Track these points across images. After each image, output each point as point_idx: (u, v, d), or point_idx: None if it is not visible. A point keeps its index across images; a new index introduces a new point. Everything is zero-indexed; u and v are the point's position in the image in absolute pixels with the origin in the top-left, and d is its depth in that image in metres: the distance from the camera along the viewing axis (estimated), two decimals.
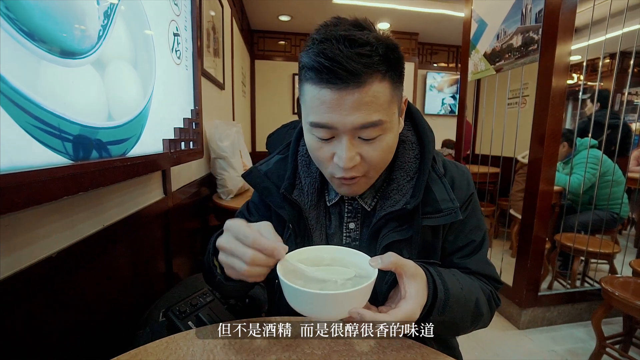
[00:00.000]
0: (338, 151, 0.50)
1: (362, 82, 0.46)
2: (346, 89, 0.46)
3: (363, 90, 0.46)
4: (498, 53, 2.11)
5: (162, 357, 0.49)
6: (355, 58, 0.45)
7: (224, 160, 1.88)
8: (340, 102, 0.47)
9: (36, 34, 0.50)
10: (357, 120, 0.47)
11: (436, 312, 0.49)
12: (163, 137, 1.01)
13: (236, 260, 0.44)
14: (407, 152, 0.61)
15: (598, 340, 1.61)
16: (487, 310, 0.61)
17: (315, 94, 0.48)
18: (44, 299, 0.61)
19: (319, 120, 0.49)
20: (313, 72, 0.47)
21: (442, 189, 0.59)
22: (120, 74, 0.77)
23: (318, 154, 0.53)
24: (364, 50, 0.45)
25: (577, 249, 2.07)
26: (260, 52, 4.50)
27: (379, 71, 0.47)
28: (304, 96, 0.51)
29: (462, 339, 0.74)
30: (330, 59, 0.44)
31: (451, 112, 5.16)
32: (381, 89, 0.48)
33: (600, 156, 2.20)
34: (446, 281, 0.52)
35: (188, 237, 1.62)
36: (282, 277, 0.41)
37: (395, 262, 0.45)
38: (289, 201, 0.61)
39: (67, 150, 0.58)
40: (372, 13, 3.83)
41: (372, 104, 0.47)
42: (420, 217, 0.57)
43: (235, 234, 0.45)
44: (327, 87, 0.46)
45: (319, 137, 0.51)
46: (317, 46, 0.46)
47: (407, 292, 0.46)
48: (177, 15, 1.14)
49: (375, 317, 0.42)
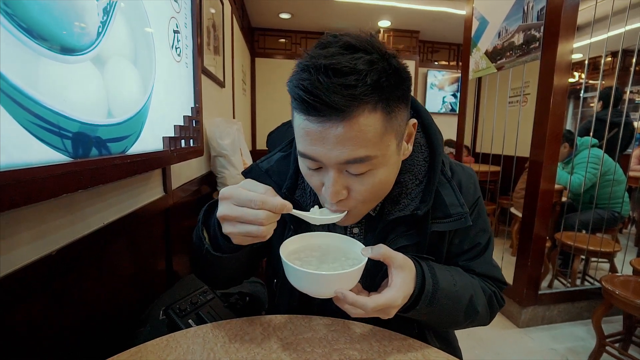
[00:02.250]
0: (325, 182, 0.49)
1: (347, 116, 0.41)
2: (329, 122, 0.42)
3: (348, 124, 0.42)
4: (499, 51, 2.10)
5: (163, 355, 0.49)
6: (337, 90, 0.40)
7: (224, 158, 1.87)
8: (324, 136, 0.43)
9: (35, 30, 0.50)
10: (341, 155, 0.44)
11: (423, 302, 0.52)
12: (163, 135, 1.01)
13: (248, 226, 0.44)
14: (415, 155, 0.59)
15: (598, 339, 1.61)
16: (484, 309, 0.61)
17: (300, 124, 0.46)
18: (43, 297, 0.61)
19: (304, 151, 0.47)
20: (295, 102, 0.44)
21: (451, 193, 0.58)
22: (120, 71, 0.76)
23: (309, 180, 0.53)
24: (348, 81, 0.40)
25: (578, 248, 2.07)
26: (261, 50, 4.49)
27: (367, 102, 0.42)
28: (293, 121, 0.49)
29: (462, 338, 0.74)
30: (309, 91, 0.41)
31: (452, 110, 5.15)
32: (370, 122, 0.43)
33: (602, 155, 2.20)
34: (437, 275, 0.54)
35: (188, 235, 1.61)
36: (284, 258, 0.47)
37: (384, 253, 0.48)
38: (291, 201, 0.61)
39: (66, 148, 0.58)
40: (373, 11, 3.82)
41: (358, 138, 0.43)
42: (430, 222, 0.57)
43: (238, 201, 0.44)
44: (309, 120, 0.43)
45: (308, 166, 0.50)
46: (299, 75, 0.43)
47: (392, 281, 0.49)
48: (177, 12, 1.14)
49: (356, 299, 0.45)
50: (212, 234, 0.55)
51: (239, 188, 0.46)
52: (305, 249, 0.54)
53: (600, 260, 2.35)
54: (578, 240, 2.08)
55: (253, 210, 0.44)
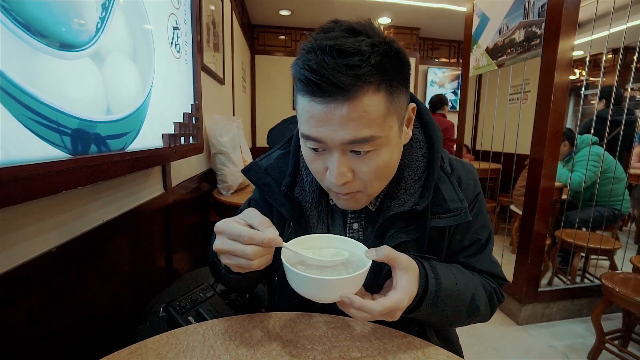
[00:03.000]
0: (330, 165, 0.49)
1: (351, 96, 0.43)
2: (334, 102, 0.43)
3: (352, 105, 0.43)
4: (500, 48, 2.09)
5: (162, 352, 0.49)
6: (342, 70, 0.41)
7: (224, 156, 1.87)
8: (329, 117, 0.44)
9: (33, 26, 0.49)
10: (345, 136, 0.45)
11: (426, 303, 0.51)
12: (163, 132, 1.00)
13: (239, 259, 0.45)
14: (414, 151, 0.59)
15: (597, 336, 1.61)
16: (485, 306, 0.61)
17: (304, 106, 0.46)
18: (43, 293, 0.61)
19: (309, 133, 0.47)
20: (301, 84, 0.45)
21: (451, 189, 0.58)
22: (119, 67, 0.76)
23: (312, 165, 0.53)
24: (352, 61, 0.42)
25: (578, 245, 2.07)
26: (261, 47, 4.48)
27: (371, 83, 0.43)
28: (297, 106, 0.50)
29: (462, 335, 0.74)
30: (315, 71, 0.42)
31: (452, 108, 5.14)
32: (374, 103, 0.44)
33: (602, 153, 2.19)
34: (439, 275, 0.54)
35: (188, 232, 1.62)
36: (285, 262, 0.45)
37: (389, 255, 0.48)
38: (290, 199, 0.60)
39: (65, 144, 0.58)
40: (373, 8, 3.80)
41: (363, 119, 0.44)
42: (429, 217, 0.56)
43: (229, 235, 0.46)
44: (314, 101, 0.44)
45: (312, 147, 0.50)
46: (304, 57, 0.44)
47: (397, 283, 0.48)
48: (177, 9, 1.13)
49: (363, 303, 0.44)
50: None
51: (231, 222, 0.47)
52: None
53: (600, 258, 2.35)
54: (578, 237, 2.08)
55: (242, 245, 0.45)
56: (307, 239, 0.53)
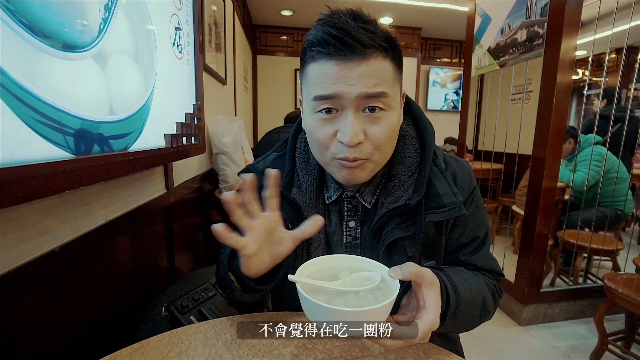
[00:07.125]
0: (342, 128, 0.50)
1: (368, 55, 0.47)
2: (352, 60, 0.47)
3: (368, 63, 0.48)
4: (502, 48, 2.09)
5: (164, 351, 0.49)
6: (361, 31, 0.47)
7: (226, 156, 1.87)
8: (346, 74, 0.48)
9: (36, 27, 0.50)
10: (362, 89, 0.48)
11: (449, 317, 0.49)
12: (165, 132, 1.01)
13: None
14: (407, 147, 0.60)
15: (600, 337, 1.60)
16: (493, 306, 0.61)
17: (319, 70, 0.49)
18: (46, 293, 0.62)
19: (323, 92, 0.49)
20: (320, 45, 0.48)
21: (445, 183, 0.58)
22: (122, 67, 0.76)
23: (319, 133, 0.52)
24: (369, 27, 0.48)
25: (580, 246, 2.06)
26: (262, 47, 4.48)
27: (383, 48, 0.49)
28: (307, 77, 0.52)
29: (463, 335, 0.74)
30: (339, 28, 0.46)
31: (454, 108, 5.13)
32: (385, 66, 0.49)
33: (605, 153, 2.18)
34: (457, 286, 0.52)
35: (190, 232, 1.63)
36: (302, 291, 0.39)
37: (415, 272, 0.44)
38: (288, 200, 0.60)
39: (68, 145, 0.58)
40: (375, 7, 3.80)
41: (377, 77, 0.48)
42: (424, 212, 0.56)
43: None
44: (333, 60, 0.48)
45: (323, 108, 0.50)
46: (326, 19, 0.48)
47: (426, 302, 0.44)
48: (179, 9, 1.13)
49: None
50: (240, 279, 0.52)
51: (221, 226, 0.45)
52: None
53: (602, 259, 2.34)
54: (580, 238, 2.07)
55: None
56: (322, 260, 0.47)
